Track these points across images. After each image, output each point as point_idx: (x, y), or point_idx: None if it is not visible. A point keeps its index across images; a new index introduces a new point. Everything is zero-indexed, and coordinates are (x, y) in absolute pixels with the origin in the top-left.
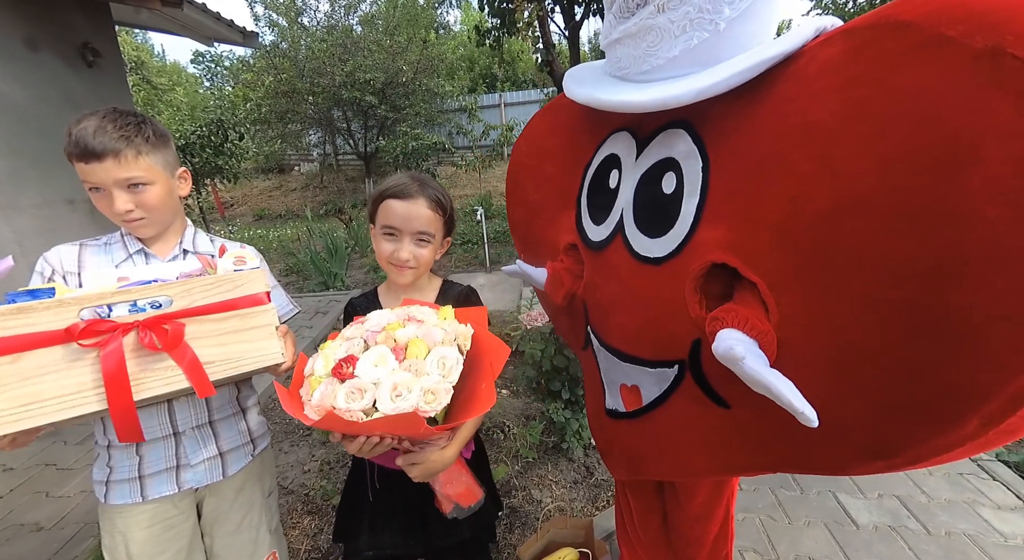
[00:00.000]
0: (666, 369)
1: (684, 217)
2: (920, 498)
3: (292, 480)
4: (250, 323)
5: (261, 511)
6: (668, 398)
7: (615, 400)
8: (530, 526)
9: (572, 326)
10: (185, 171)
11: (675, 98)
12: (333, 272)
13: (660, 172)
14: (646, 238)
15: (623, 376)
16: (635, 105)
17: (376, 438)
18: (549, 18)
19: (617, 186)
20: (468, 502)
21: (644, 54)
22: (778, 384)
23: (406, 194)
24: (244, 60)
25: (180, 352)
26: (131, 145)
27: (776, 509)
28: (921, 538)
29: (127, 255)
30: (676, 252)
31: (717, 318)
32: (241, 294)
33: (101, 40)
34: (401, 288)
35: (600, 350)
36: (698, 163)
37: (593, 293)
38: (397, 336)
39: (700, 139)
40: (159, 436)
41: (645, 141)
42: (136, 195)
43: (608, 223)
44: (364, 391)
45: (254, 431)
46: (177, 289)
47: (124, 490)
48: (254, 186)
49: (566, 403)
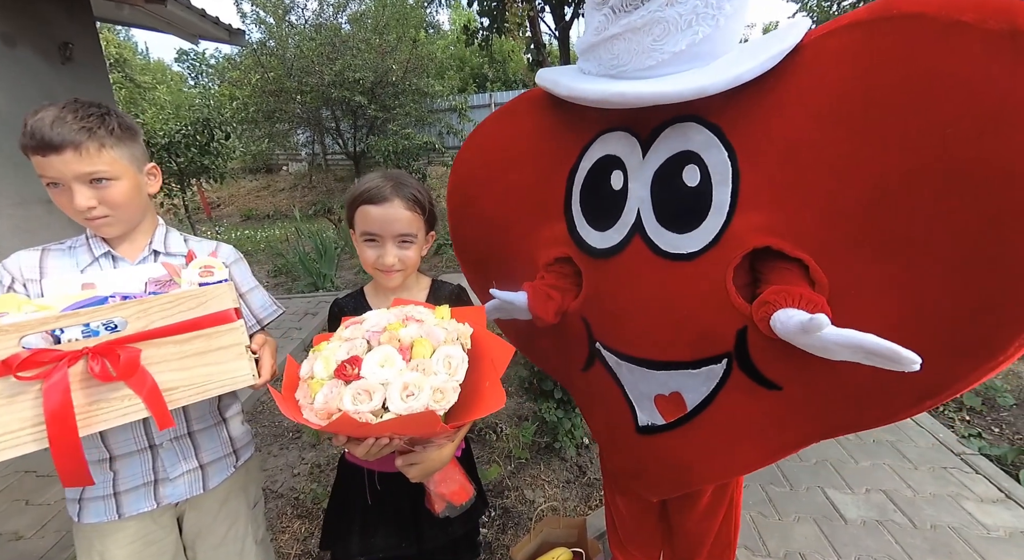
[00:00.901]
0: (713, 366)
1: (718, 207)
2: (906, 492)
3: (282, 484)
4: (216, 343)
5: (247, 522)
6: (716, 396)
7: (650, 414)
8: (523, 526)
9: (563, 349)
10: (155, 167)
11: (713, 85)
12: (322, 273)
13: (678, 166)
14: (673, 234)
15: (658, 386)
16: (671, 94)
17: (385, 439)
18: (540, 18)
19: (624, 187)
20: (461, 500)
21: (648, 48)
22: (869, 339)
23: (381, 197)
24: (231, 58)
25: (138, 379)
26: (93, 137)
27: (766, 505)
28: (907, 532)
29: (92, 258)
30: (712, 244)
31: (768, 301)
32: (205, 312)
33: (81, 36)
34: (390, 289)
35: (620, 365)
36: (722, 152)
37: (600, 304)
38: (401, 336)
39: (717, 128)
40: (134, 450)
41: (650, 138)
42: (99, 191)
43: (619, 227)
44: (372, 392)
45: (237, 441)
46: (132, 310)
47: (99, 508)
48: (241, 186)
49: (558, 403)
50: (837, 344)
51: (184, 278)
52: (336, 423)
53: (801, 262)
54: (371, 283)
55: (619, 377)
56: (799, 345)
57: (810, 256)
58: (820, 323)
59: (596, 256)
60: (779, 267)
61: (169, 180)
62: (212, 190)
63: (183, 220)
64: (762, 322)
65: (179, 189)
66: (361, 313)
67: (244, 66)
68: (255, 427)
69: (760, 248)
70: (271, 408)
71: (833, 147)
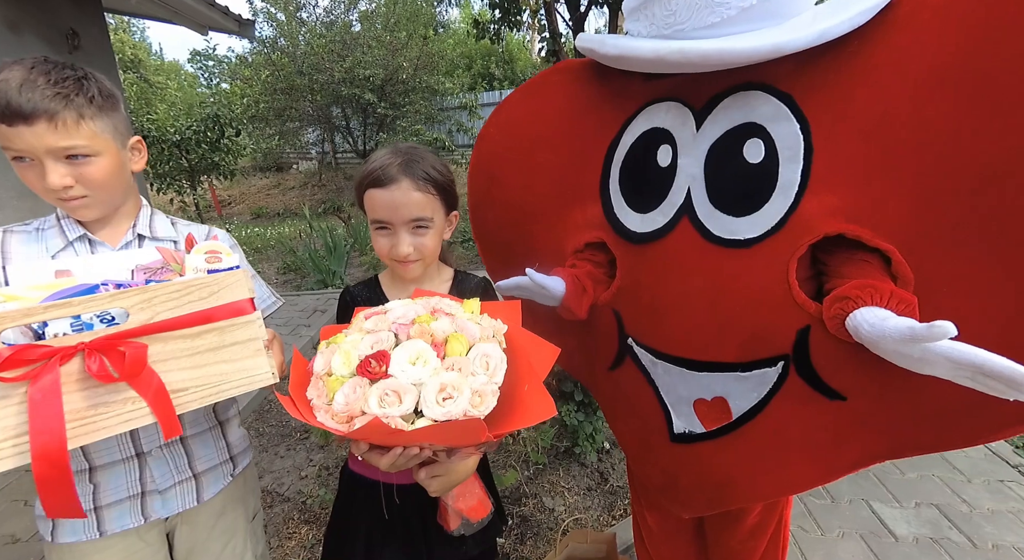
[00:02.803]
0: (767, 370)
1: (784, 187)
2: (961, 507)
3: (288, 487)
4: (231, 338)
5: (245, 537)
6: (767, 405)
7: (687, 421)
8: (542, 536)
9: (589, 345)
10: (139, 140)
11: (793, 42)
12: (332, 270)
13: (739, 140)
14: (729, 217)
15: (699, 389)
16: (744, 52)
17: (416, 450)
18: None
19: (672, 163)
20: (478, 516)
21: (712, 2)
22: (993, 359)
23: (387, 180)
24: (242, 57)
25: (144, 381)
26: (70, 106)
27: (806, 519)
28: (967, 552)
29: (66, 242)
30: (775, 229)
31: (848, 297)
32: (219, 302)
33: (88, 25)
34: (409, 280)
35: (656, 364)
36: (793, 125)
37: (636, 295)
38: (434, 330)
39: (789, 97)
40: (119, 459)
41: (705, 109)
42: (76, 168)
43: (664, 208)
44: (403, 393)
45: (234, 447)
46: (133, 300)
47: (76, 526)
48: (252, 184)
49: (579, 405)
50: (948, 358)
51: (189, 265)
52: (364, 429)
53: (881, 254)
54: (386, 271)
55: (653, 378)
56: (884, 351)
57: (895, 247)
58: (943, 331)
59: (635, 241)
60: (855, 259)
61: (180, 177)
62: (223, 188)
63: (194, 217)
64: (833, 320)
65: (190, 186)
66: (376, 304)
67: (255, 63)
68: (262, 426)
69: (832, 236)
70: (278, 407)
71: (934, 121)
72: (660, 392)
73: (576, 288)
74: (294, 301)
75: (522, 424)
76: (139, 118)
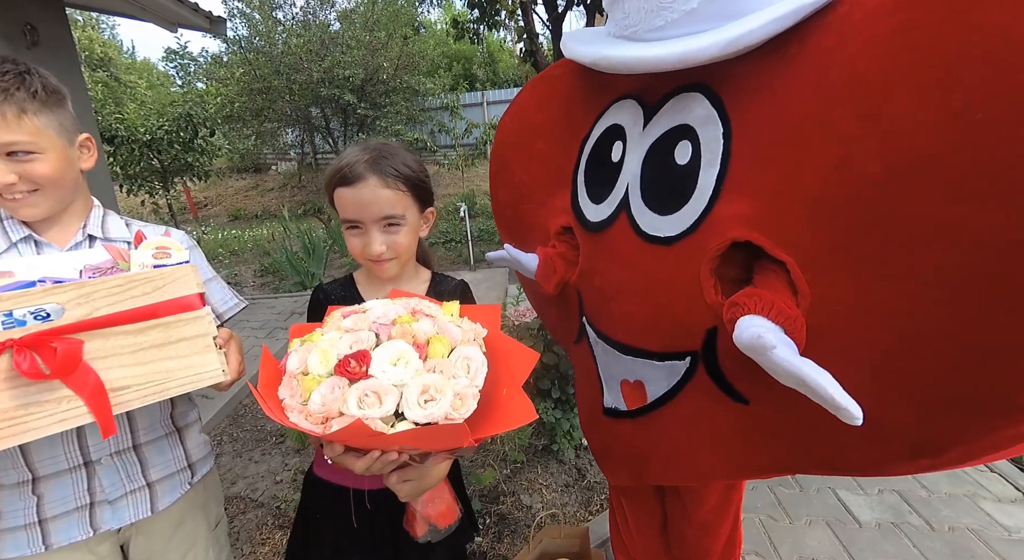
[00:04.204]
0: (676, 362)
1: (701, 190)
2: (920, 493)
3: (263, 492)
4: (177, 334)
5: (207, 547)
6: (677, 394)
7: (615, 398)
8: (520, 534)
9: (563, 318)
10: (88, 138)
11: (699, 51)
12: (310, 272)
13: (673, 141)
14: (655, 215)
15: (625, 371)
16: (651, 62)
17: (394, 454)
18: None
19: (621, 159)
20: (446, 522)
21: (657, 6)
22: (816, 376)
23: (355, 177)
24: (217, 57)
25: (79, 378)
26: (11, 101)
27: (776, 508)
28: (925, 534)
29: (9, 244)
30: (691, 230)
31: (737, 303)
32: (164, 297)
33: (48, 20)
34: (386, 279)
35: (598, 343)
36: (718, 128)
37: (590, 280)
38: (416, 331)
39: (720, 101)
40: (65, 468)
41: (654, 108)
42: (19, 165)
43: (610, 201)
44: (383, 395)
45: (192, 454)
46: (70, 295)
47: (19, 539)
48: (229, 186)
49: (556, 402)
50: (782, 371)
51: (135, 260)
52: (343, 432)
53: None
54: (362, 270)
55: (595, 355)
56: (755, 359)
57: (792, 258)
58: (767, 343)
59: (590, 229)
60: (765, 268)
61: (152, 178)
62: (199, 190)
63: (167, 220)
64: (730, 324)
65: (162, 188)
66: (351, 303)
67: (231, 63)
68: (236, 431)
69: (740, 242)
70: (253, 411)
71: (839, 126)
72: (599, 368)
73: (546, 267)
74: (271, 303)
75: (502, 428)
76: (106, 117)
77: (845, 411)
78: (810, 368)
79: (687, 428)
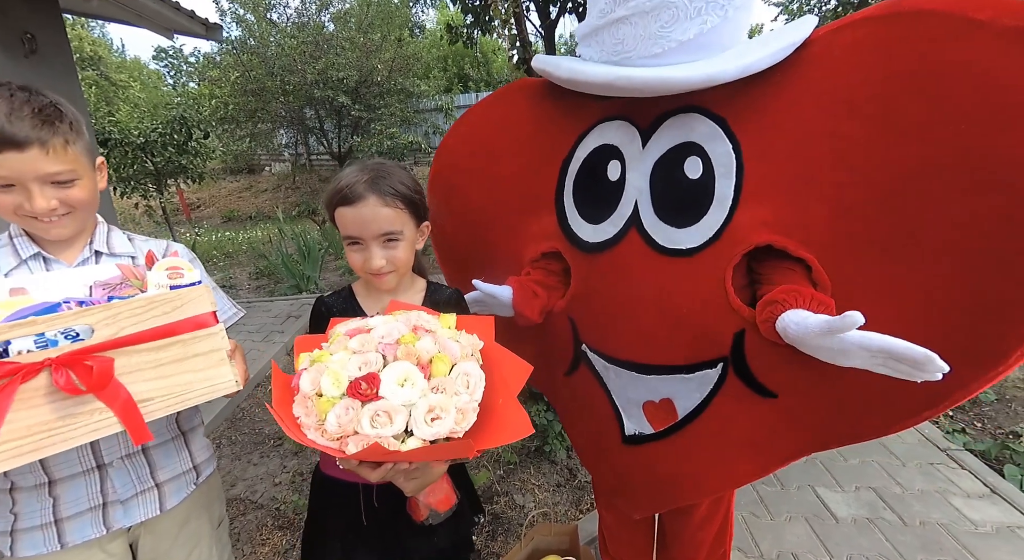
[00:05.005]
0: (708, 371)
1: (720, 201)
2: (895, 489)
3: (262, 494)
4: (194, 350)
5: (210, 545)
6: (710, 404)
7: (638, 423)
8: (513, 532)
9: (546, 351)
10: (103, 161)
11: (722, 74)
12: (306, 275)
13: (680, 157)
14: (672, 228)
15: (647, 392)
16: (680, 82)
17: (405, 464)
18: (525, 16)
19: (621, 177)
20: (445, 507)
21: (655, 35)
22: (899, 343)
23: (355, 197)
24: (210, 57)
25: (111, 392)
26: (57, 132)
27: (758, 505)
28: (898, 529)
29: (19, 261)
30: (713, 239)
31: (776, 301)
32: (182, 316)
33: (46, 28)
34: (384, 291)
35: (608, 369)
36: (727, 144)
37: (589, 303)
38: (419, 351)
39: (723, 120)
40: (79, 471)
41: (650, 128)
42: (61, 191)
43: (614, 219)
44: (393, 414)
45: (197, 456)
46: (98, 316)
47: (36, 539)
48: (222, 187)
49: (548, 405)
50: (862, 347)
51: (151, 281)
52: (367, 452)
53: (804, 262)
54: (360, 281)
55: (606, 382)
56: (809, 348)
57: (814, 256)
58: (853, 321)
59: (588, 250)
60: (782, 267)
61: (146, 180)
62: (192, 191)
63: (161, 222)
64: (765, 323)
65: (156, 190)
66: (350, 315)
67: (224, 64)
68: (234, 435)
69: (762, 246)
70: (251, 415)
71: (846, 139)
72: (612, 396)
73: (525, 293)
74: (267, 307)
75: (500, 441)
76: (100, 120)
77: (937, 365)
78: (889, 338)
79: (720, 436)
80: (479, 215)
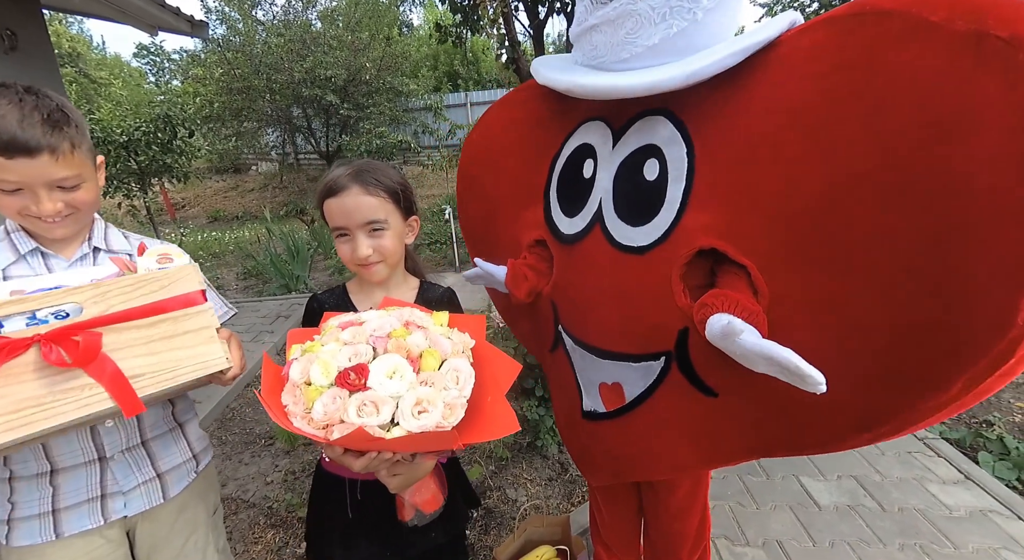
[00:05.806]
0: (652, 362)
1: (670, 203)
2: (875, 477)
3: (254, 493)
4: (184, 327)
5: (207, 531)
6: (653, 393)
7: (594, 401)
8: (506, 526)
9: (536, 328)
10: (102, 160)
11: (667, 81)
12: (295, 275)
13: (641, 159)
14: (628, 227)
15: (603, 375)
16: (625, 89)
17: (389, 454)
18: (514, 15)
19: (593, 176)
20: (431, 508)
21: (623, 41)
22: (780, 351)
23: (339, 188)
24: (194, 54)
25: (98, 366)
26: (65, 137)
27: (744, 495)
28: (877, 515)
29: (17, 256)
30: (662, 239)
31: (707, 304)
32: (170, 294)
33: (26, 24)
34: (376, 286)
35: (575, 349)
36: (682, 148)
37: (566, 290)
38: (410, 345)
39: (683, 125)
40: (80, 462)
41: (621, 130)
42: (67, 194)
43: (584, 214)
44: (380, 405)
45: (195, 446)
46: (88, 294)
47: (33, 528)
48: (208, 186)
49: (540, 400)
50: (751, 353)
51: (141, 266)
52: (348, 438)
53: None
54: (354, 280)
55: (573, 362)
56: (728, 352)
57: (752, 262)
58: (736, 328)
59: (564, 242)
60: (728, 271)
61: (129, 180)
62: (176, 191)
63: (144, 222)
64: (700, 324)
65: (140, 189)
66: (344, 311)
67: (208, 62)
68: (224, 434)
69: (706, 249)
70: (241, 414)
71: (787, 148)
72: (577, 374)
73: (516, 275)
74: (256, 307)
75: (487, 437)
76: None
77: (810, 378)
78: (774, 346)
79: (663, 424)
80: (491, 203)
